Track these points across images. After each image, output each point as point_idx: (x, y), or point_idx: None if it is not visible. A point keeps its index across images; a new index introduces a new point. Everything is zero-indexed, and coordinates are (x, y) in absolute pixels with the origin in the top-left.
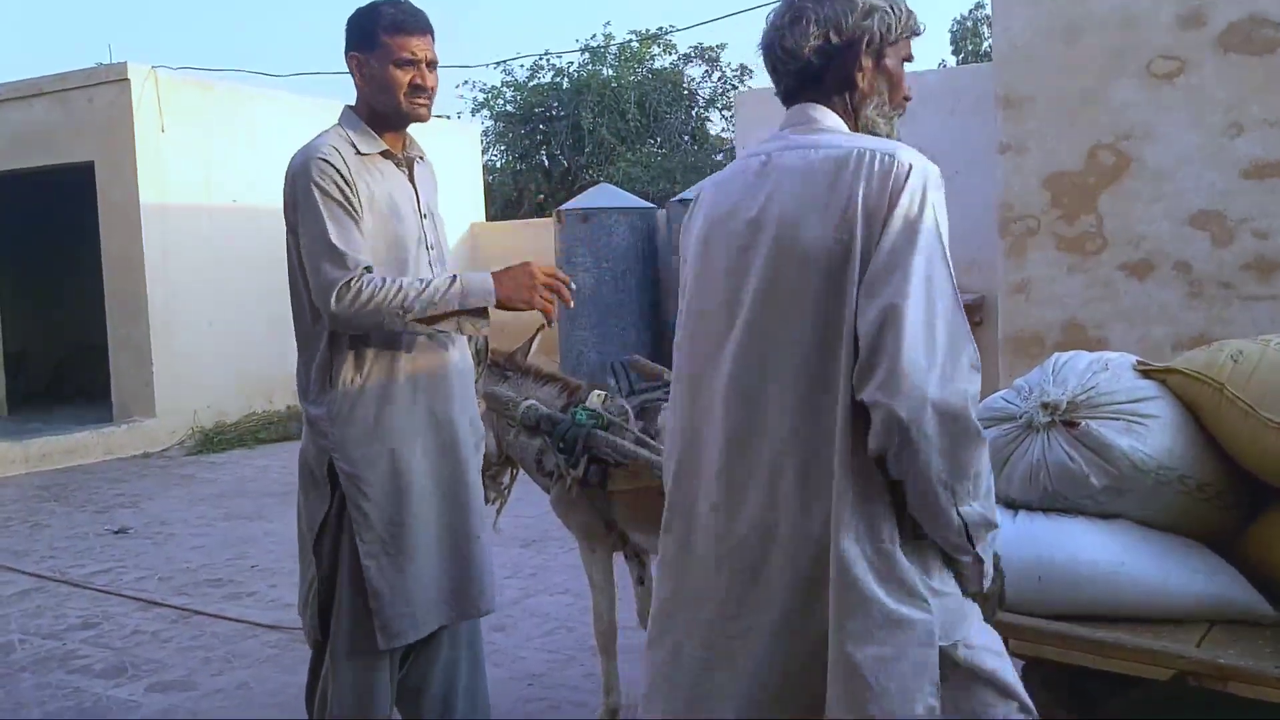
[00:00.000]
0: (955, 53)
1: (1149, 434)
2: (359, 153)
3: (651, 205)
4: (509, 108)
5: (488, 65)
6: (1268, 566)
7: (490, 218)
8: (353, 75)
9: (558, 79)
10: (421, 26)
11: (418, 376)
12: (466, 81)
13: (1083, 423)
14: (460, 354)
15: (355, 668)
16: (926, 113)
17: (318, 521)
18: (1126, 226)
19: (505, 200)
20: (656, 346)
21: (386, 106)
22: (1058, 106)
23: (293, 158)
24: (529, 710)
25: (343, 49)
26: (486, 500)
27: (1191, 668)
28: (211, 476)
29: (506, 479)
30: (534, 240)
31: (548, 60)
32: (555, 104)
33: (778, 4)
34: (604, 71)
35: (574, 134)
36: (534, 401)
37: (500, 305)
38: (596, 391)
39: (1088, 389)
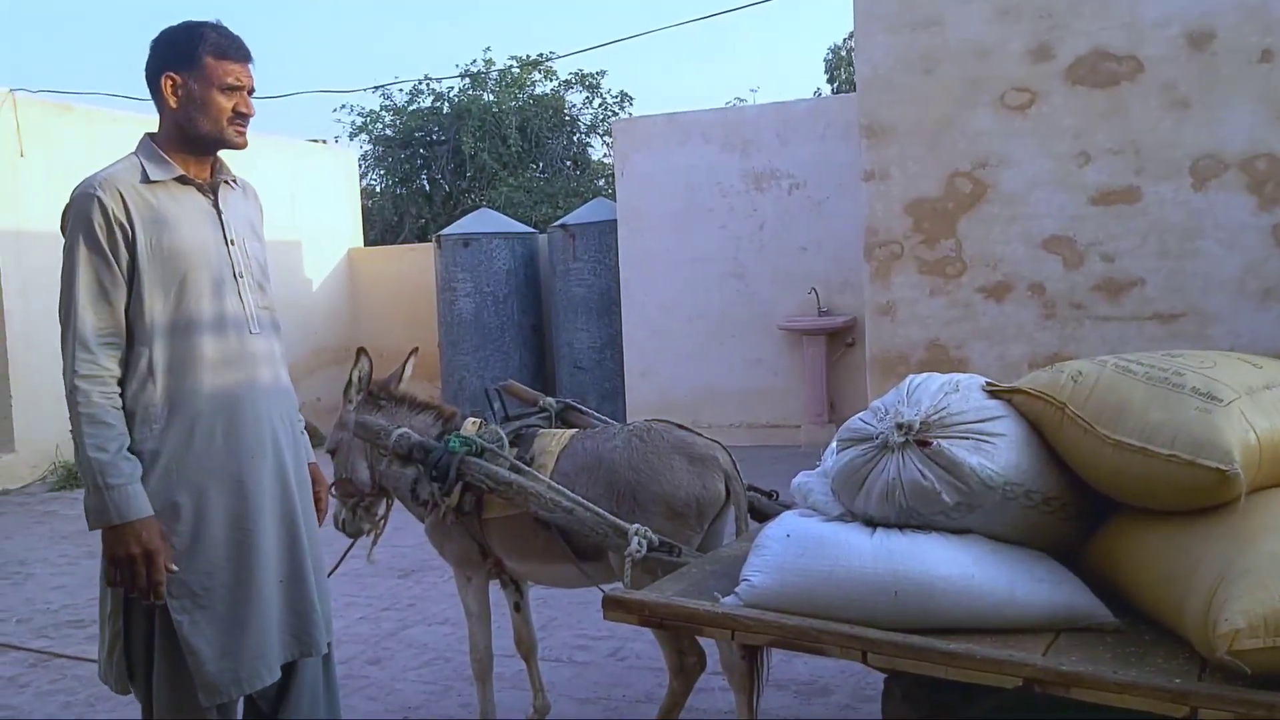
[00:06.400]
0: (830, 81)
1: (997, 451)
2: (148, 180)
3: (532, 230)
4: (388, 132)
5: (366, 90)
6: (1109, 575)
7: (370, 243)
8: (161, 95)
9: (438, 104)
10: (245, 54)
11: (222, 411)
12: (344, 105)
13: (935, 442)
14: (273, 374)
15: None
16: (798, 140)
17: None
18: (984, 250)
19: (385, 225)
20: (538, 371)
21: (205, 130)
22: (918, 134)
23: (75, 187)
24: None
25: (150, 67)
26: (361, 532)
27: (1038, 675)
28: (74, 513)
29: (381, 509)
30: (413, 266)
31: (427, 85)
32: (435, 129)
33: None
34: (485, 97)
35: (455, 159)
36: (406, 430)
37: (104, 536)
38: (471, 419)
39: (939, 409)
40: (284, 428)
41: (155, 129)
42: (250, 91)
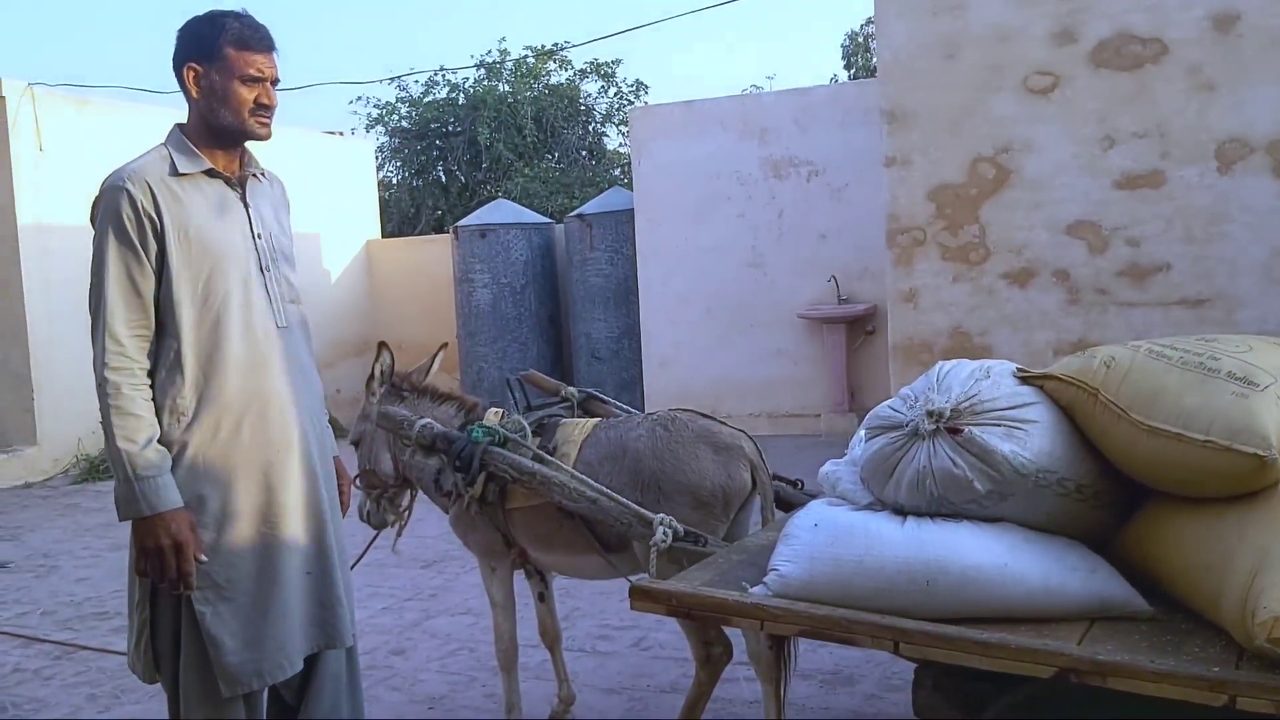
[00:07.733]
0: (847, 68)
1: (1029, 438)
2: (177, 173)
3: (549, 220)
4: (404, 124)
5: (382, 81)
6: (1143, 563)
7: (387, 234)
8: (185, 87)
9: (453, 95)
10: (268, 44)
11: (250, 405)
12: (360, 97)
13: (966, 429)
14: (300, 368)
15: (207, 713)
16: (817, 127)
17: None
18: (1008, 236)
19: (402, 217)
20: (556, 362)
21: (227, 122)
22: (940, 120)
23: (104, 180)
24: None
25: (174, 57)
26: (385, 523)
27: (1072, 665)
28: (97, 505)
29: (405, 500)
30: (431, 257)
31: (443, 76)
32: (451, 120)
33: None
34: (500, 87)
35: (471, 150)
36: (429, 420)
37: (134, 526)
38: (493, 409)
39: (970, 396)
40: (311, 421)
41: (183, 120)
42: (274, 83)
